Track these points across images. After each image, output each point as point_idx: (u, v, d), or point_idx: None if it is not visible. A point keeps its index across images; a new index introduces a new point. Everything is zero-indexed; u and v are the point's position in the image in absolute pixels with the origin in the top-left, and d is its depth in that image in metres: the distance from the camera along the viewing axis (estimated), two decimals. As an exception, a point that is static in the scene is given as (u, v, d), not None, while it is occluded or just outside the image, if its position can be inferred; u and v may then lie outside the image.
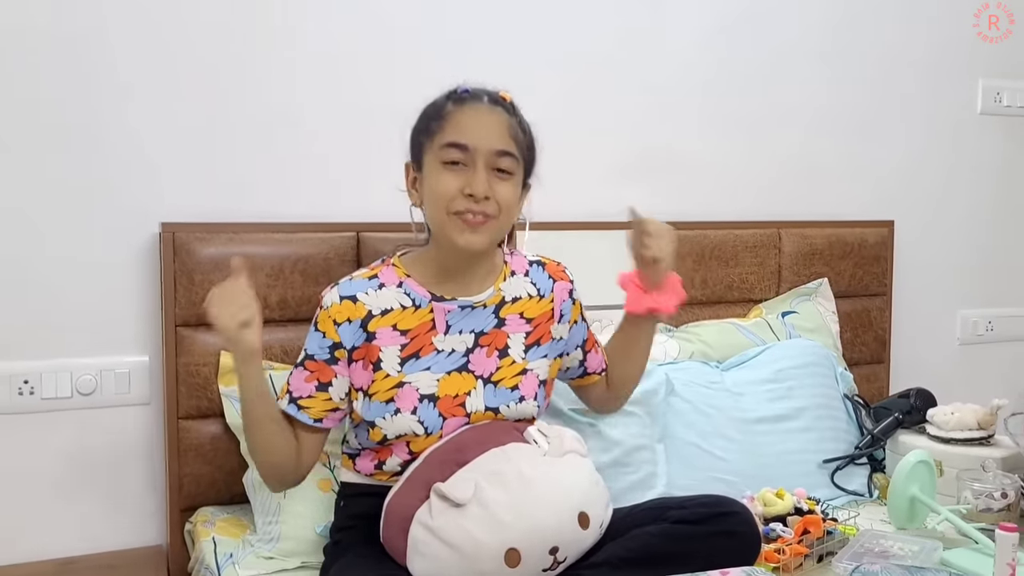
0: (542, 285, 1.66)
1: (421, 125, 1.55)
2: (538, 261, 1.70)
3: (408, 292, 1.55)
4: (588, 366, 1.73)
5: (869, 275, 2.59)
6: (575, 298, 1.71)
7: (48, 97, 1.89)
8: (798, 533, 1.67)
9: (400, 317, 1.54)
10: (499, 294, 1.60)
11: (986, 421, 1.98)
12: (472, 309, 1.57)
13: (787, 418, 2.11)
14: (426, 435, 1.50)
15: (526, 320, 1.61)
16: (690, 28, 2.45)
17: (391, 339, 1.52)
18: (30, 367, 1.92)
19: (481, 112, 1.50)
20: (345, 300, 1.53)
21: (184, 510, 1.94)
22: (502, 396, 1.55)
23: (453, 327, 1.55)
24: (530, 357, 1.59)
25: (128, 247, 1.98)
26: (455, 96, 1.53)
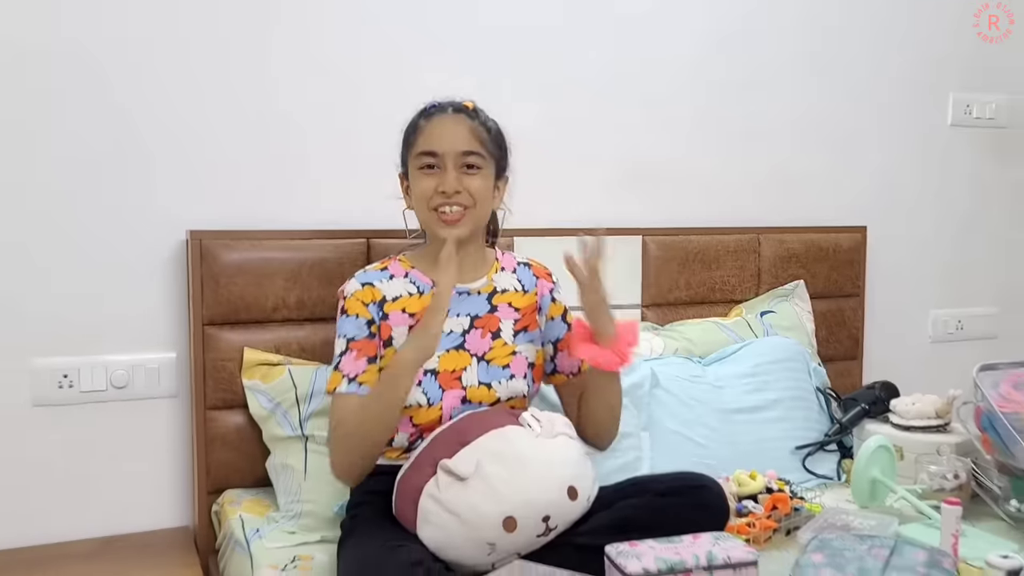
0: (527, 282, 1.87)
1: (403, 140, 1.81)
2: (526, 262, 1.91)
3: (414, 281, 1.78)
4: (558, 364, 1.89)
5: (843, 277, 2.77)
6: (555, 297, 1.89)
7: (82, 117, 2.05)
8: (767, 509, 1.85)
9: (408, 302, 1.76)
10: (491, 284, 1.82)
11: (943, 410, 2.16)
12: (468, 295, 1.79)
13: (763, 409, 2.29)
14: (428, 406, 1.69)
15: (514, 309, 1.82)
16: (680, 50, 2.62)
17: (401, 320, 1.74)
18: (69, 363, 2.08)
19: (446, 121, 1.74)
20: (366, 286, 1.76)
21: (211, 492, 2.10)
22: (494, 373, 1.75)
23: (452, 310, 1.75)
24: (518, 341, 1.80)
25: (158, 253, 2.13)
26: (425, 112, 1.77)
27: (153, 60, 2.10)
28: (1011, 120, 3.13)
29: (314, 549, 1.81)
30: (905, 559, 1.46)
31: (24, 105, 2.01)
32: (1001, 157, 3.14)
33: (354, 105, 2.28)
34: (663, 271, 2.54)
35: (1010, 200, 3.18)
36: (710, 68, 2.67)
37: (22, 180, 2.02)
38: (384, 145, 1.89)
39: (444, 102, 1.79)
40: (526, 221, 2.15)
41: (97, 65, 2.06)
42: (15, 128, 2.01)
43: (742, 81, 2.72)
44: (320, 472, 1.93)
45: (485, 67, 2.39)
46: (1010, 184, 3.17)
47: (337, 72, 2.27)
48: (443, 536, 1.53)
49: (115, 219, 2.10)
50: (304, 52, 2.23)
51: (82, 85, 2.05)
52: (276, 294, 2.12)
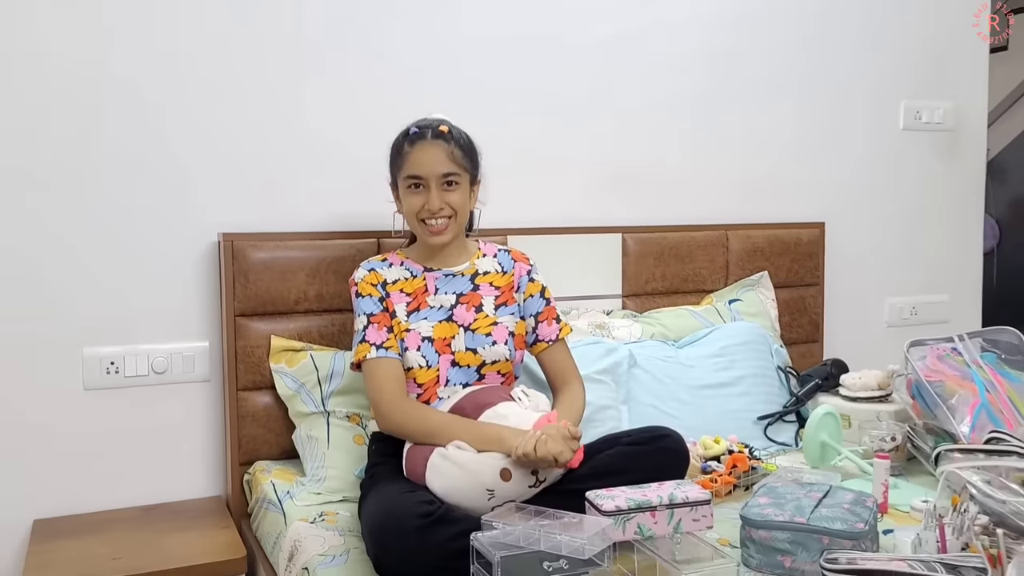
0: (506, 265, 2.18)
1: (391, 158, 2.12)
2: (505, 249, 2.22)
3: (408, 267, 2.12)
4: (539, 333, 2.16)
5: (804, 268, 3.06)
6: (533, 277, 2.18)
7: (127, 130, 2.30)
8: (728, 467, 2.14)
9: (404, 284, 2.09)
10: (474, 267, 2.15)
11: (884, 383, 2.44)
12: (453, 276, 2.12)
13: (729, 385, 2.57)
14: (427, 367, 2.01)
15: (495, 287, 2.13)
16: (655, 63, 2.89)
17: (400, 299, 2.07)
18: (115, 351, 2.32)
19: (427, 148, 2.03)
20: (371, 271, 2.10)
21: (242, 464, 2.36)
22: (478, 340, 2.06)
23: (440, 289, 2.10)
24: (499, 313, 2.10)
25: (192, 254, 2.38)
26: (408, 137, 2.05)
27: (187, 85, 2.35)
28: (957, 124, 3.41)
29: (338, 507, 2.08)
30: (835, 499, 1.75)
31: (76, 119, 2.26)
32: (949, 157, 3.42)
33: (368, 121, 2.52)
34: (641, 265, 2.82)
35: (958, 196, 3.46)
36: (683, 82, 2.94)
37: (73, 189, 2.27)
38: None
39: (423, 127, 2.05)
40: (516, 221, 2.41)
41: (142, 85, 2.31)
42: (67, 140, 2.26)
43: (712, 93, 2.99)
44: (341, 443, 2.22)
45: (478, 81, 2.64)
46: (957, 182, 3.45)
47: (352, 94, 2.52)
48: (449, 484, 1.80)
49: (155, 223, 2.35)
50: (323, 77, 2.48)
51: (128, 101, 2.30)
52: (299, 288, 2.38)
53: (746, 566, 1.69)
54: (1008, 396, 2.12)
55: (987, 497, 1.56)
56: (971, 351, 2.28)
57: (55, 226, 2.27)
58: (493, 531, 1.60)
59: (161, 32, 2.33)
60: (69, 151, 2.27)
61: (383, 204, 2.21)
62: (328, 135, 2.51)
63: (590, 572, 1.55)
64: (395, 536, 1.63)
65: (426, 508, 1.67)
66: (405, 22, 2.57)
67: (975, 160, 3.50)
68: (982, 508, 1.55)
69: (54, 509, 2.29)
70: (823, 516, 1.66)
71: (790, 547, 1.64)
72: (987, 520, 1.54)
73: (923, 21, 3.32)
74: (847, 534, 1.61)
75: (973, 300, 3.54)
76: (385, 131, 2.09)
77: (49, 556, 2.05)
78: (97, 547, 2.09)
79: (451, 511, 1.72)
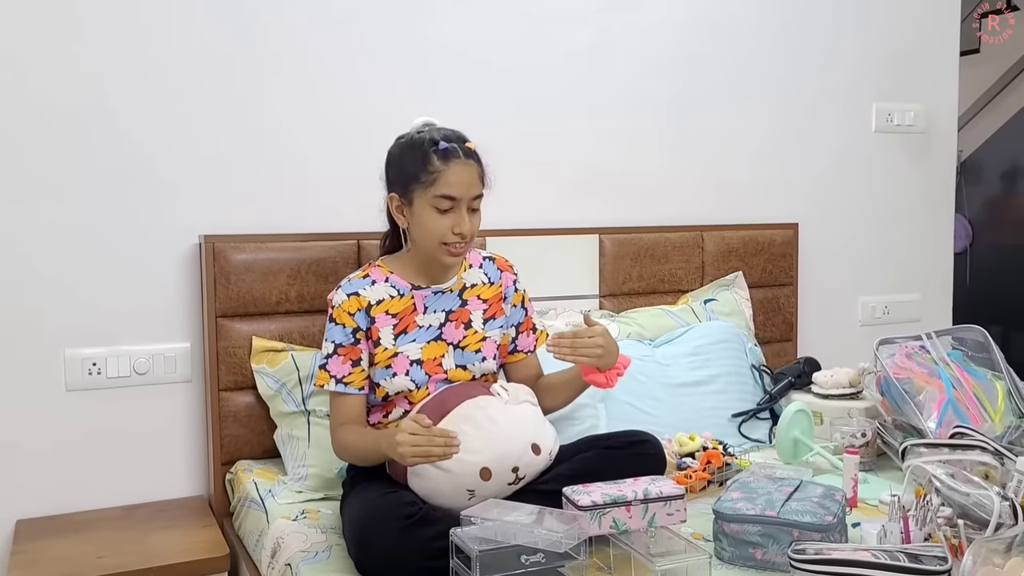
0: (492, 275, 2.14)
1: (410, 170, 1.95)
2: (490, 257, 2.18)
3: (394, 285, 2.04)
4: (519, 344, 2.18)
5: (778, 269, 3.11)
6: (517, 288, 2.18)
7: (107, 136, 2.32)
8: (702, 464, 2.18)
9: (390, 304, 2.02)
10: (461, 282, 2.09)
11: (855, 380, 2.50)
12: (442, 293, 2.06)
13: (704, 383, 2.61)
14: (417, 389, 1.99)
15: (483, 301, 2.10)
16: (631, 67, 2.93)
17: (386, 321, 2.01)
18: (97, 352, 2.34)
19: (461, 168, 1.93)
20: (351, 296, 2.00)
21: (224, 464, 2.38)
22: (468, 358, 2.04)
23: (429, 308, 2.04)
24: (488, 328, 2.09)
25: (174, 256, 2.40)
26: (439, 151, 1.92)
27: (168, 89, 2.38)
28: (928, 126, 3.47)
29: (319, 505, 2.12)
30: (805, 493, 1.80)
31: (57, 124, 2.28)
32: (920, 159, 3.49)
33: (347, 125, 2.55)
34: (618, 265, 2.86)
35: (929, 197, 3.52)
36: (659, 85, 2.98)
37: (54, 192, 2.29)
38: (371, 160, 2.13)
39: (453, 141, 1.94)
40: (496, 223, 2.44)
41: (122, 90, 2.33)
42: (50, 145, 2.28)
43: (688, 97, 3.03)
44: (322, 441, 2.23)
45: (454, 83, 2.68)
46: (928, 183, 3.52)
47: (332, 98, 2.54)
48: (431, 485, 1.83)
49: (137, 225, 2.37)
50: (303, 80, 2.51)
51: (108, 106, 2.32)
52: (280, 290, 2.41)
53: (719, 559, 1.74)
54: (974, 393, 2.18)
55: (950, 490, 1.61)
56: (939, 349, 2.34)
57: (37, 228, 2.29)
58: (472, 526, 1.63)
59: (138, 35, 2.35)
60: (52, 156, 2.29)
61: (363, 207, 2.23)
62: (307, 138, 2.53)
63: (566, 565, 1.59)
64: (377, 537, 1.67)
65: (408, 509, 1.70)
66: (383, 25, 2.60)
67: (946, 161, 3.56)
68: (945, 500, 1.60)
69: (37, 509, 2.31)
70: (793, 510, 1.71)
71: (761, 540, 1.69)
72: (950, 512, 1.59)
73: (894, 25, 3.38)
74: (816, 527, 1.65)
75: (944, 299, 3.60)
76: (365, 135, 2.10)
77: (33, 555, 2.06)
78: (80, 546, 2.11)
79: (433, 511, 1.75)
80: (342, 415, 1.98)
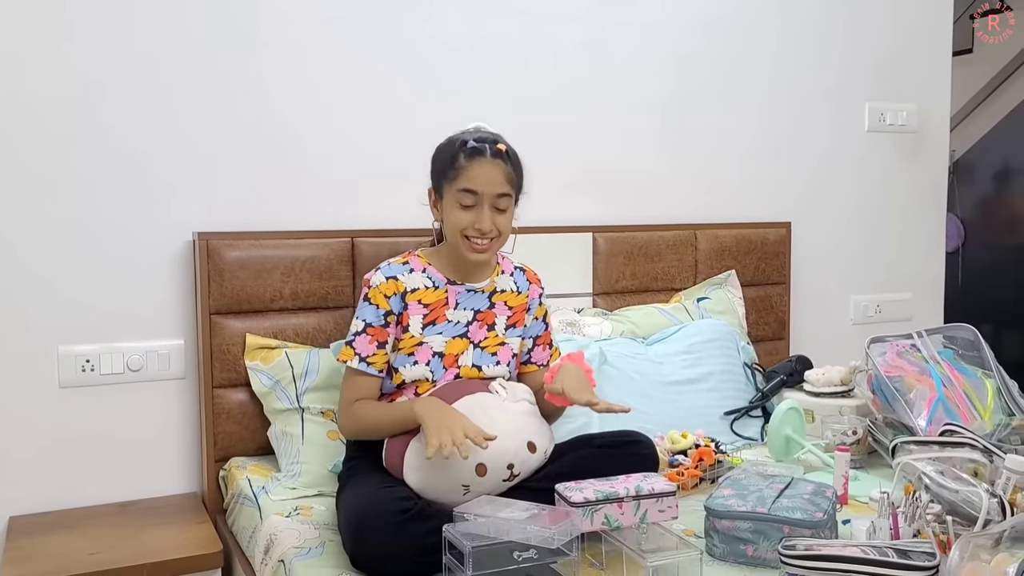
0: (521, 285, 2.18)
1: (440, 167, 2.02)
2: (521, 267, 2.21)
3: (430, 276, 2.07)
4: (533, 356, 2.20)
5: (770, 267, 3.12)
6: (542, 302, 2.21)
7: (100, 132, 2.32)
8: (695, 461, 2.19)
9: (424, 294, 2.05)
10: (493, 284, 2.13)
11: (846, 379, 2.51)
12: (474, 292, 2.09)
13: (697, 381, 2.62)
14: (432, 381, 2.01)
15: (509, 307, 2.13)
16: (625, 66, 2.93)
17: (417, 310, 2.04)
18: (90, 349, 2.33)
19: (486, 167, 1.97)
20: (389, 279, 2.03)
21: (218, 461, 2.38)
22: (485, 359, 2.07)
23: (460, 304, 2.07)
24: (508, 335, 2.11)
25: (168, 253, 2.39)
26: (467, 149, 1.98)
27: (163, 85, 2.37)
28: (920, 125, 3.49)
29: (312, 501, 2.12)
30: (796, 490, 1.81)
31: (51, 120, 2.27)
32: (912, 158, 3.50)
33: (343, 122, 2.55)
34: (611, 263, 2.87)
35: (921, 197, 3.53)
36: (653, 84, 2.99)
37: (50, 188, 2.28)
38: (366, 157, 2.14)
39: (484, 141, 1.99)
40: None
41: (115, 86, 2.33)
42: (44, 139, 2.27)
43: (681, 96, 3.04)
44: (315, 438, 2.25)
45: (450, 80, 2.67)
46: (920, 182, 3.53)
47: (328, 94, 2.54)
48: (426, 480, 1.84)
49: (131, 222, 2.36)
50: (298, 76, 2.51)
51: (103, 102, 2.32)
52: (274, 287, 2.41)
53: (710, 555, 1.75)
54: (964, 391, 2.19)
55: (940, 487, 1.62)
56: (929, 347, 2.35)
57: (29, 225, 2.28)
58: (465, 522, 1.64)
59: (132, 30, 2.34)
60: (44, 152, 2.28)
61: (358, 205, 2.23)
62: (303, 135, 2.53)
63: (559, 561, 1.60)
64: (373, 531, 1.68)
65: (403, 504, 1.71)
66: (379, 22, 2.60)
67: (938, 161, 3.57)
68: (934, 497, 1.61)
69: (30, 506, 2.30)
70: (784, 506, 1.72)
71: (752, 536, 1.70)
72: (939, 508, 1.60)
73: (886, 25, 3.39)
74: (806, 523, 1.67)
75: (935, 298, 3.61)
76: (361, 132, 2.07)
77: (26, 552, 2.06)
78: (74, 542, 2.11)
79: (428, 507, 1.76)
80: (357, 392, 2.01)
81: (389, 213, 2.50)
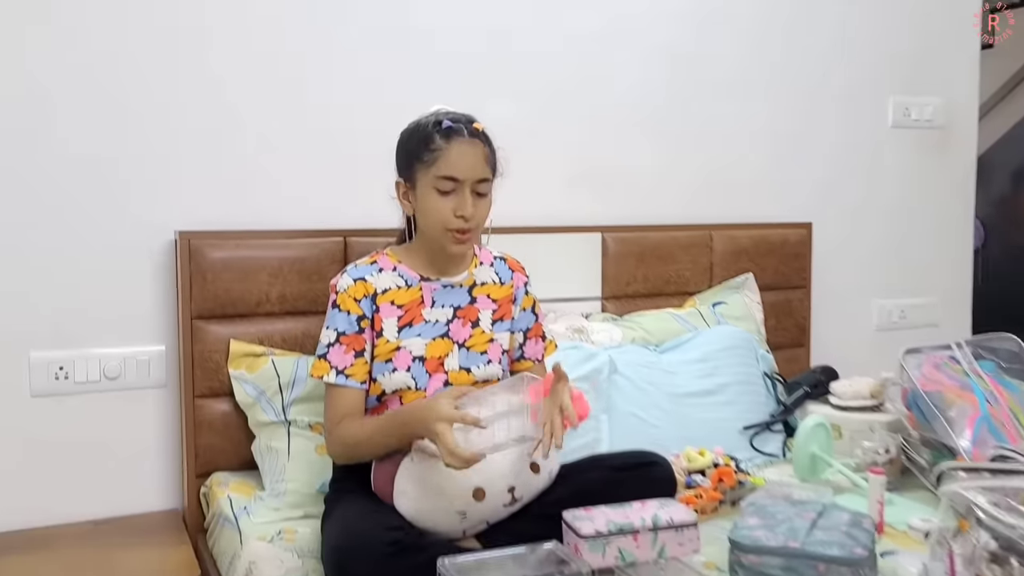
0: (503, 275, 2.01)
1: (412, 152, 1.85)
2: (501, 256, 2.05)
3: (401, 274, 1.91)
4: (525, 351, 2.03)
5: (790, 270, 2.95)
6: (528, 291, 2.04)
7: (77, 124, 2.17)
8: (714, 482, 2.03)
9: (396, 295, 1.89)
10: (472, 278, 1.96)
11: (876, 391, 2.34)
12: (451, 288, 1.93)
13: (713, 392, 2.46)
14: (416, 389, 1.83)
15: (492, 300, 1.96)
16: (638, 57, 2.77)
17: (390, 312, 1.87)
18: (64, 355, 2.18)
19: (466, 148, 1.81)
20: (358, 281, 1.87)
21: (199, 476, 2.22)
22: (473, 359, 1.89)
23: (437, 302, 1.90)
24: (496, 329, 1.94)
25: (148, 253, 2.25)
26: (442, 130, 1.82)
27: (145, 73, 2.22)
28: (947, 121, 3.32)
29: (297, 524, 1.96)
30: (830, 520, 1.64)
31: (28, 112, 2.13)
32: (938, 155, 3.33)
33: (331, 114, 2.40)
34: (621, 266, 2.70)
35: (947, 195, 3.37)
36: (664, 77, 2.83)
37: (22, 183, 2.13)
38: (358, 151, 2.00)
39: (459, 120, 1.84)
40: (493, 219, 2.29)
41: (94, 74, 2.18)
42: (14, 132, 2.12)
43: (696, 89, 2.88)
44: (302, 454, 2.09)
45: (447, 73, 2.52)
46: (947, 181, 3.36)
47: (318, 86, 2.39)
48: (418, 507, 1.68)
49: (108, 220, 2.21)
50: (294, 68, 2.36)
51: (80, 94, 2.17)
52: (260, 289, 2.25)
53: (735, 593, 1.58)
54: (1010, 408, 2.02)
55: (995, 520, 1.45)
56: (970, 359, 2.18)
57: (1, 222, 2.13)
58: (463, 555, 1.48)
59: (113, 18, 2.20)
60: (17, 144, 2.13)
61: (350, 202, 2.10)
62: (292, 130, 2.38)
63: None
64: (358, 567, 1.52)
65: (393, 535, 1.55)
66: (369, 13, 2.44)
67: (965, 158, 3.41)
68: (990, 533, 1.44)
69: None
70: (819, 540, 1.54)
71: (783, 574, 1.53)
72: (995, 546, 1.43)
73: (913, 15, 3.23)
74: (845, 560, 1.49)
75: (963, 303, 3.45)
76: (353, 125, 1.96)
77: (-13, 577, 1.91)
78: (44, 565, 1.96)
79: (421, 537, 1.62)
80: (342, 410, 1.83)
81: (386, 211, 2.32)
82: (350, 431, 1.80)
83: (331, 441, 1.84)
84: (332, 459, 1.90)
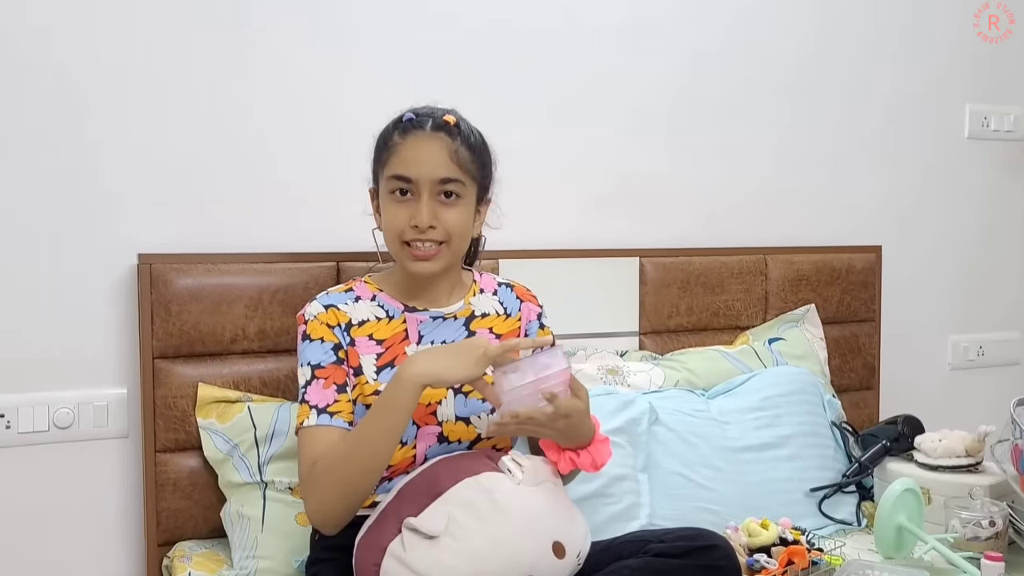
0: (509, 305, 1.70)
1: (375, 151, 1.62)
2: (507, 283, 1.74)
3: (382, 304, 1.61)
4: None
5: (857, 301, 2.59)
6: (543, 323, 1.73)
7: (25, 139, 1.90)
8: (782, 564, 1.66)
9: (375, 328, 1.58)
10: (469, 308, 1.65)
11: (974, 448, 1.96)
12: (443, 320, 1.61)
13: (773, 446, 2.10)
14: (401, 445, 1.50)
15: (495, 335, 1.64)
16: (666, 63, 2.46)
17: (368, 348, 1.56)
18: (6, 401, 1.90)
19: (422, 141, 1.54)
20: (329, 308, 1.58)
21: (161, 545, 1.91)
22: (473, 407, 1.56)
23: (425, 337, 1.59)
24: None
25: (106, 279, 1.96)
26: (400, 125, 1.57)
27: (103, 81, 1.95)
28: (1032, 132, 2.97)
29: (269, 612, 1.61)
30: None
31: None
32: (1021, 171, 2.98)
33: (323, 119, 2.12)
34: (662, 295, 2.37)
35: (1031, 217, 3.01)
36: (710, 81, 2.51)
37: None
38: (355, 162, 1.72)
39: (423, 113, 1.59)
40: (507, 242, 1.97)
41: (47, 79, 1.91)
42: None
43: (747, 94, 2.55)
44: (279, 523, 1.76)
45: (458, 78, 2.22)
46: (1031, 200, 3.00)
47: (304, 86, 2.11)
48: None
49: (60, 243, 1.93)
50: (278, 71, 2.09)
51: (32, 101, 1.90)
52: (235, 323, 1.94)
53: None
54: None
55: None
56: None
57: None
58: None
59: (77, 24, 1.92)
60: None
61: (342, 222, 1.85)
62: (275, 138, 2.08)
63: None
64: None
65: None
66: (368, 11, 2.16)
67: (1051, 175, 3.04)
68: None
69: (-83, 605, 1.86)
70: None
71: None
72: None
73: (980, 11, 2.90)
74: None
75: (1050, 339, 3.07)
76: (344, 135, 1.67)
77: None
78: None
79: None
80: (319, 450, 1.47)
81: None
82: (330, 458, 1.45)
83: (311, 491, 1.47)
84: (316, 527, 1.54)
